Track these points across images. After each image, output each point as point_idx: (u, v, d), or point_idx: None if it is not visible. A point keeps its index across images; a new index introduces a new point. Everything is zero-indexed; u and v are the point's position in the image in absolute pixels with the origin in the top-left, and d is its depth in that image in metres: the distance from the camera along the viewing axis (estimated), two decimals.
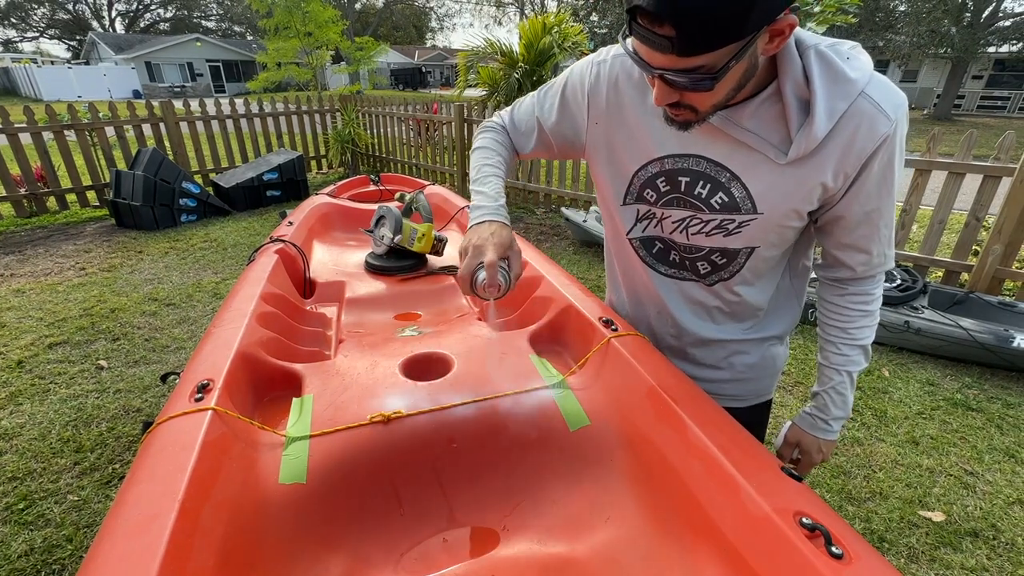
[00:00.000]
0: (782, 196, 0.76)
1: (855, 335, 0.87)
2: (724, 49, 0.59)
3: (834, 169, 0.72)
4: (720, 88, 0.65)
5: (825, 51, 0.67)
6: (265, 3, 7.59)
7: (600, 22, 23.32)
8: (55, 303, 3.35)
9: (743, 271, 0.88)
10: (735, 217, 0.80)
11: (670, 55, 0.60)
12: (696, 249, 0.89)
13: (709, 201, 0.81)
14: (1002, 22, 17.56)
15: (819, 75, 0.67)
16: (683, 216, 0.86)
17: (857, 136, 0.69)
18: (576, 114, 0.92)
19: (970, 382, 2.62)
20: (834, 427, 0.93)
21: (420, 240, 1.62)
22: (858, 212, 0.76)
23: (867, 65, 0.69)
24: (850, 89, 0.67)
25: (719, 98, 0.68)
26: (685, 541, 0.73)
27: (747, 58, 0.62)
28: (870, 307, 0.86)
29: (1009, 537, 1.75)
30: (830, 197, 0.76)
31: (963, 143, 3.16)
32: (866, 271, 0.84)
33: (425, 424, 0.89)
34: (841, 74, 0.67)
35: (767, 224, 0.80)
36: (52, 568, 1.62)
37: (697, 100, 0.68)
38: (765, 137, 0.73)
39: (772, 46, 0.63)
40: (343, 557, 0.76)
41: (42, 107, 5.18)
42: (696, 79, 0.62)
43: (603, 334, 1.03)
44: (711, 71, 0.61)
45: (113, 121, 5.34)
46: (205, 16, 46.06)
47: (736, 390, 1.03)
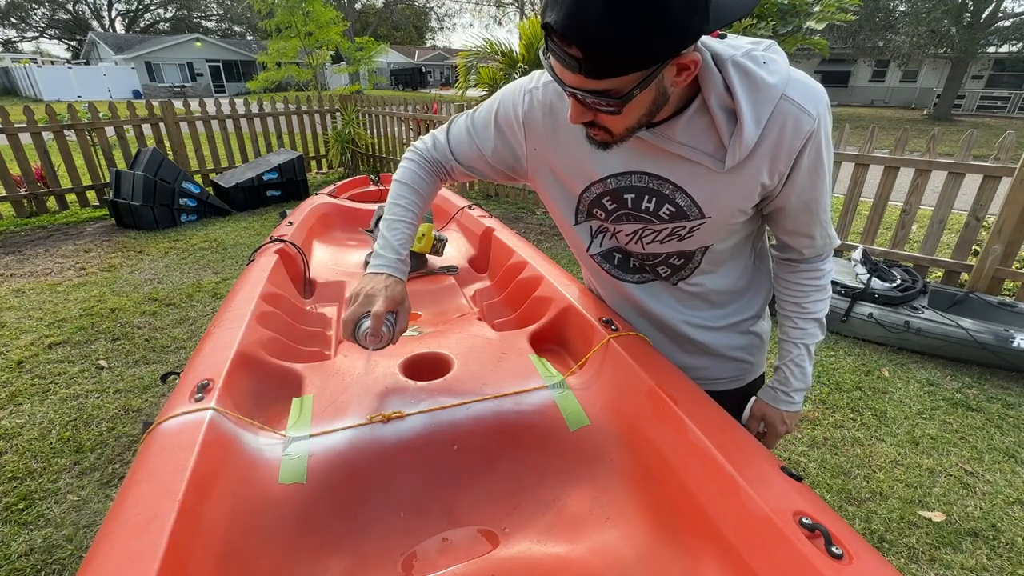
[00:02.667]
0: (726, 199, 0.80)
1: (809, 309, 0.93)
2: (628, 76, 0.61)
3: (769, 169, 0.76)
4: (629, 113, 0.68)
5: (742, 61, 0.70)
6: (266, 3, 7.59)
7: None
8: (55, 303, 3.35)
9: (703, 265, 0.93)
10: (685, 224, 0.84)
11: (579, 75, 0.62)
12: (653, 256, 0.94)
13: (658, 213, 0.85)
14: (1002, 22, 17.55)
15: (740, 86, 0.70)
16: (635, 229, 0.89)
17: (784, 136, 0.73)
18: (513, 142, 0.93)
19: (970, 382, 2.62)
20: (796, 399, 0.97)
21: (420, 240, 1.63)
22: (796, 203, 0.82)
23: (783, 67, 0.72)
24: (771, 94, 0.71)
25: (631, 123, 0.70)
26: (685, 541, 0.73)
27: (653, 87, 0.65)
28: (821, 282, 0.92)
29: (1009, 537, 1.75)
30: (769, 192, 0.81)
31: (963, 143, 3.16)
32: (812, 252, 0.91)
33: (425, 424, 0.89)
34: (760, 81, 0.70)
35: (716, 225, 0.84)
36: (52, 568, 1.62)
37: (609, 122, 0.70)
38: (700, 148, 0.76)
39: (680, 79, 0.65)
40: (343, 557, 0.76)
41: (42, 107, 5.18)
42: (603, 102, 0.64)
43: (603, 334, 1.03)
44: (617, 95, 0.63)
45: (113, 121, 5.34)
46: (205, 16, 46.06)
47: (728, 372, 1.06)
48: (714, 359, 1.04)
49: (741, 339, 1.03)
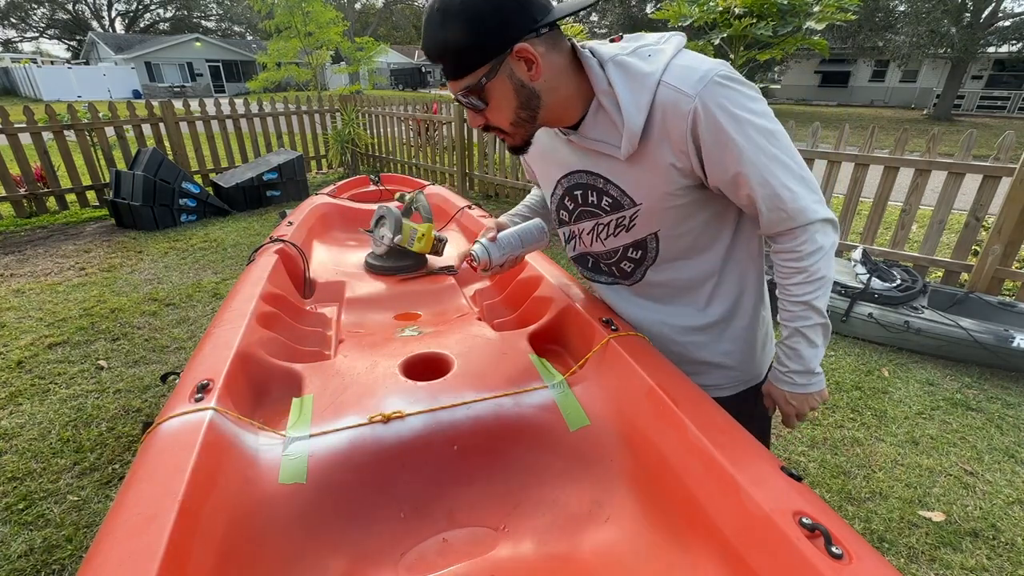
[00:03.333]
0: (647, 185, 0.87)
1: (793, 292, 0.89)
2: (476, 72, 0.77)
3: (671, 150, 0.81)
4: (500, 106, 0.81)
5: (622, 58, 0.80)
6: (266, 4, 7.59)
7: (600, 22, 23.32)
8: (55, 303, 3.35)
9: (661, 254, 0.95)
10: (624, 213, 0.92)
11: (451, 81, 0.80)
12: (613, 252, 1.00)
13: (601, 205, 0.94)
14: (1002, 22, 17.55)
15: (617, 80, 0.80)
16: (592, 225, 0.98)
17: (667, 120, 0.79)
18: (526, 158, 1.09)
19: (970, 382, 2.62)
20: (796, 380, 0.93)
21: (420, 240, 1.62)
22: (725, 179, 0.82)
23: (667, 56, 0.79)
24: (648, 82, 0.78)
25: (510, 116, 0.82)
26: (685, 541, 0.73)
27: (507, 80, 0.78)
28: (801, 263, 0.86)
29: (1009, 537, 1.75)
30: (692, 173, 0.83)
31: (963, 143, 3.16)
32: (775, 228, 0.86)
33: (425, 424, 0.89)
34: (637, 72, 0.79)
35: (652, 210, 0.89)
36: (52, 568, 1.62)
37: (493, 119, 0.83)
38: (608, 141, 0.85)
39: (533, 73, 0.78)
40: (343, 557, 0.76)
41: (42, 107, 5.18)
42: (471, 100, 0.80)
43: (603, 334, 1.03)
44: (474, 90, 0.78)
45: (113, 121, 5.34)
46: (205, 16, 46.06)
47: (714, 380, 1.04)
48: (696, 365, 1.02)
49: (724, 343, 1.01)
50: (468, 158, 6.14)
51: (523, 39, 0.75)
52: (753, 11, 3.98)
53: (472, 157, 6.15)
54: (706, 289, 0.98)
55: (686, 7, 4.24)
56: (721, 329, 1.00)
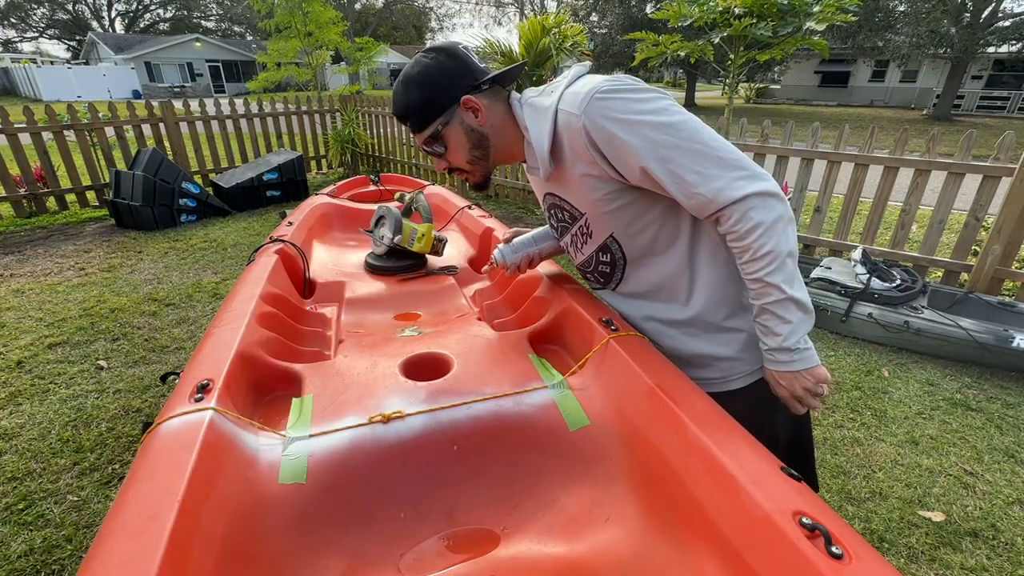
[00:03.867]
0: (579, 196, 0.99)
1: (746, 270, 0.90)
2: (433, 123, 0.98)
3: (582, 162, 0.93)
4: (456, 147, 1.00)
5: (532, 100, 0.99)
6: (266, 3, 7.58)
7: (600, 22, 23.32)
8: (55, 303, 3.35)
9: (627, 254, 1.04)
10: (579, 222, 1.05)
11: (417, 135, 1.01)
12: (589, 260, 1.11)
13: (564, 219, 1.09)
14: (1001, 22, 17.53)
15: (526, 116, 0.99)
16: (570, 238, 1.11)
17: (568, 137, 0.92)
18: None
19: (970, 382, 2.62)
20: (777, 357, 0.93)
21: (420, 240, 1.63)
22: (636, 175, 0.89)
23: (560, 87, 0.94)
24: (547, 114, 0.93)
25: (467, 156, 1.01)
26: (685, 541, 0.73)
27: (455, 125, 0.98)
28: (743, 243, 0.86)
29: (1009, 537, 1.75)
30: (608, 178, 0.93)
31: (962, 143, 3.16)
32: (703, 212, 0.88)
33: (425, 424, 0.89)
34: (540, 106, 0.96)
35: (596, 216, 1.00)
36: (52, 568, 1.61)
37: (453, 160, 1.03)
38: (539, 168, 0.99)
39: (480, 119, 0.98)
40: (343, 557, 0.76)
41: (41, 107, 5.17)
42: (433, 147, 1.01)
43: (603, 334, 1.03)
44: (436, 137, 0.99)
45: (113, 121, 5.34)
46: (205, 16, 46.04)
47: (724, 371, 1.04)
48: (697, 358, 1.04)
49: (718, 334, 1.02)
50: None
51: (467, 92, 0.96)
52: (753, 11, 3.98)
53: None
54: (683, 283, 1.01)
55: (686, 7, 4.24)
56: (710, 320, 1.01)
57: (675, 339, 1.06)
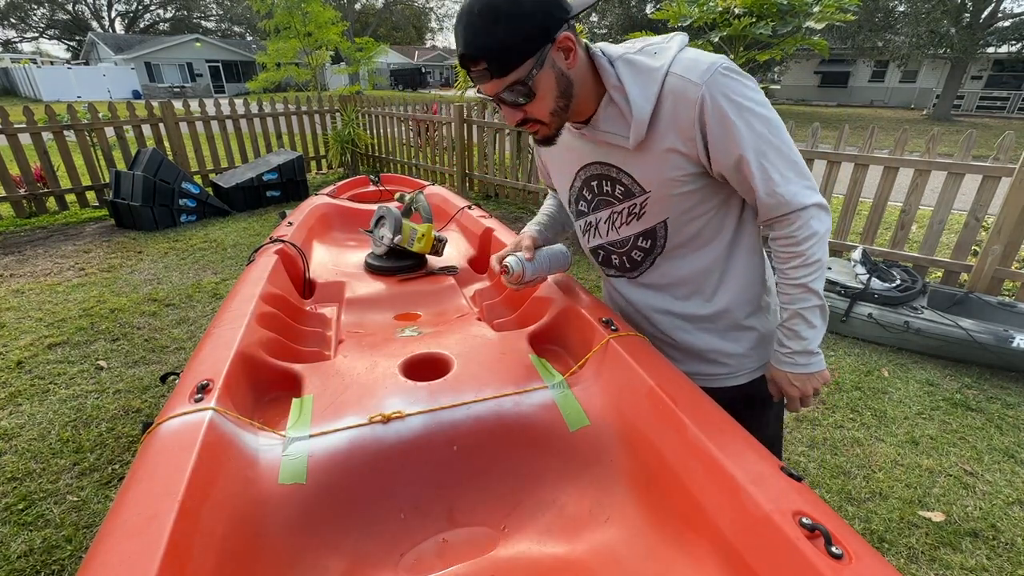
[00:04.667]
0: (653, 171, 0.92)
1: (791, 275, 0.93)
2: (524, 64, 0.80)
3: (677, 137, 0.86)
4: (544, 96, 0.84)
5: (630, 56, 0.87)
6: (266, 4, 7.58)
7: (600, 22, 23.32)
8: (54, 303, 3.35)
9: (669, 243, 0.99)
10: (635, 200, 0.96)
11: (492, 81, 0.82)
12: (625, 242, 1.03)
13: (615, 194, 0.99)
14: (1001, 22, 17.54)
15: (626, 74, 0.86)
16: (607, 214, 1.03)
17: (677, 107, 0.84)
18: (538, 154, 1.17)
19: (970, 382, 2.62)
20: (798, 360, 0.96)
21: (420, 240, 1.62)
22: (728, 163, 0.86)
23: (671, 51, 0.86)
24: (656, 75, 0.85)
25: (550, 105, 0.86)
26: (685, 541, 0.73)
27: (550, 69, 0.82)
28: (797, 248, 0.90)
29: (1009, 537, 1.75)
30: (697, 160, 0.88)
31: (962, 143, 3.16)
32: (773, 212, 0.90)
33: (425, 424, 0.89)
34: (644, 66, 0.86)
35: (659, 197, 0.94)
36: (51, 569, 1.61)
37: (534, 111, 0.87)
38: (618, 132, 0.90)
39: (571, 61, 0.84)
40: (343, 557, 0.76)
41: (41, 107, 5.17)
42: (517, 93, 0.83)
43: (603, 334, 1.03)
44: (523, 83, 0.81)
45: (113, 121, 5.33)
46: (205, 16, 46.04)
47: (733, 367, 1.06)
48: (708, 354, 1.05)
49: (734, 332, 1.04)
50: (468, 158, 6.14)
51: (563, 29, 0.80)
52: (753, 11, 3.99)
53: (472, 157, 6.15)
54: (712, 280, 1.01)
55: (686, 7, 4.24)
56: (729, 318, 1.03)
57: (690, 333, 1.06)
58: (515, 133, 5.49)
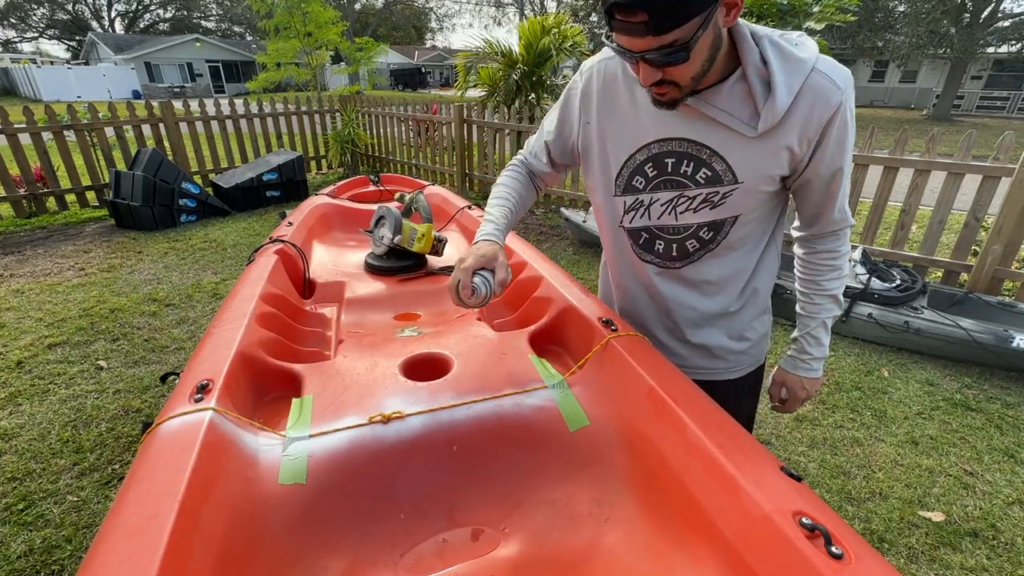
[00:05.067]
0: (757, 164, 0.87)
1: (826, 286, 0.99)
2: (691, 23, 0.70)
3: (798, 136, 0.83)
4: (695, 59, 0.75)
5: (777, 39, 0.80)
6: (266, 4, 7.59)
7: (600, 23, 23.31)
8: (54, 303, 3.35)
9: (727, 239, 0.96)
10: (719, 189, 0.90)
11: (647, 37, 0.71)
12: (685, 228, 0.97)
13: (695, 177, 0.91)
14: (1001, 22, 17.55)
15: (775, 57, 0.79)
16: (671, 197, 0.95)
17: (816, 106, 0.81)
18: (572, 120, 1.04)
19: (970, 382, 2.62)
20: (814, 366, 1.04)
21: (420, 240, 1.62)
22: (825, 173, 0.88)
23: (813, 48, 0.82)
24: (802, 67, 0.79)
25: (695, 69, 0.77)
26: (685, 541, 0.73)
27: (711, 28, 0.72)
28: (837, 262, 0.98)
29: (1009, 537, 1.75)
30: (798, 162, 0.87)
31: (962, 143, 3.16)
32: (832, 226, 0.96)
33: (425, 424, 0.89)
34: (792, 56, 0.80)
35: (747, 191, 0.89)
36: (51, 569, 1.61)
37: (677, 74, 0.77)
38: (736, 115, 0.84)
39: (730, 18, 0.75)
40: (343, 557, 0.76)
41: (41, 107, 5.17)
42: (671, 53, 0.72)
43: (603, 334, 1.03)
44: (683, 43, 0.71)
45: (112, 121, 5.33)
46: (205, 16, 46.04)
47: (735, 362, 1.10)
48: (716, 350, 1.08)
49: (746, 330, 1.07)
50: (468, 158, 6.14)
51: None
52: (753, 11, 3.99)
53: (471, 157, 6.15)
54: (740, 283, 1.03)
55: None
56: (742, 319, 1.06)
57: (703, 330, 1.07)
58: (515, 133, 5.49)
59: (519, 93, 6.29)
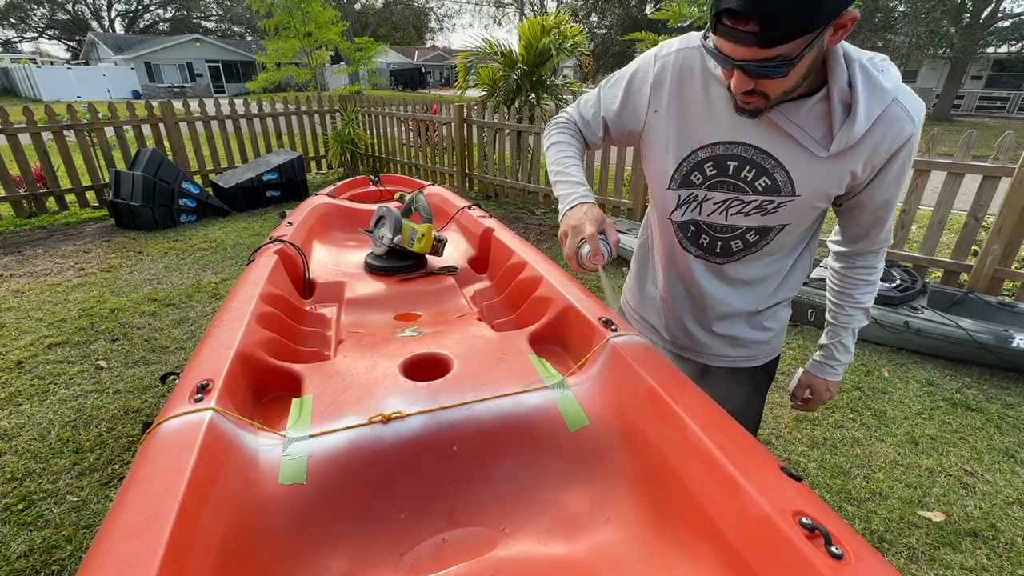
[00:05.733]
0: (818, 182, 0.88)
1: (859, 300, 1.05)
2: (799, 40, 0.69)
3: (864, 161, 0.85)
4: (793, 75, 0.75)
5: (867, 64, 0.81)
6: (265, 3, 7.58)
7: (600, 22, 23.34)
8: (54, 303, 3.35)
9: (771, 245, 0.99)
10: (775, 199, 0.92)
11: (752, 48, 0.70)
12: (733, 228, 0.99)
13: (754, 184, 0.92)
14: (1001, 22, 17.55)
15: (862, 84, 0.79)
16: (725, 198, 0.96)
17: (888, 135, 0.82)
18: (638, 104, 1.01)
19: (970, 382, 2.62)
20: (839, 371, 1.13)
21: (420, 240, 1.63)
22: (879, 199, 0.91)
23: (897, 77, 0.83)
24: (884, 97, 0.80)
25: (790, 84, 0.77)
26: (685, 541, 0.73)
27: (816, 47, 0.72)
28: (873, 277, 1.03)
29: (1009, 537, 1.75)
30: (856, 185, 0.89)
31: (962, 143, 3.16)
32: (874, 246, 1.01)
33: (425, 425, 0.89)
34: (878, 84, 0.80)
35: (802, 205, 0.91)
36: (51, 569, 1.61)
37: (770, 87, 0.78)
38: (810, 133, 0.85)
39: (836, 38, 0.73)
40: (343, 557, 0.76)
41: (41, 107, 5.17)
42: (773, 67, 0.72)
43: (603, 334, 1.03)
44: (787, 59, 0.71)
45: (112, 121, 5.33)
46: (205, 16, 46.03)
47: (755, 351, 1.15)
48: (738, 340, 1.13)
49: (770, 324, 1.12)
50: (468, 158, 6.14)
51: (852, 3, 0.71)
52: None
53: (472, 157, 6.15)
54: (774, 283, 1.07)
55: (686, 7, 4.24)
56: (769, 314, 1.11)
57: (732, 323, 1.11)
58: (515, 133, 5.49)
59: (519, 93, 6.29)
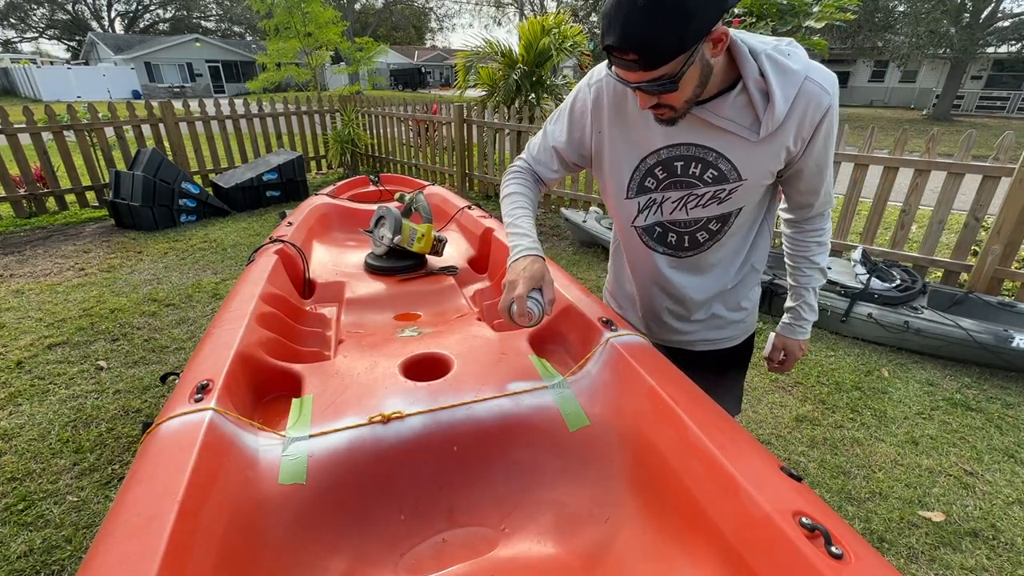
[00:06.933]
0: (759, 163, 0.97)
1: (815, 260, 1.15)
2: (676, 59, 0.78)
3: (794, 136, 0.94)
4: (685, 87, 0.84)
5: (772, 53, 0.89)
6: (265, 4, 7.58)
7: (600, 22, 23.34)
8: (54, 303, 3.35)
9: (732, 228, 1.07)
10: (725, 186, 1.00)
11: (639, 72, 0.81)
12: (695, 221, 1.07)
13: (703, 177, 1.01)
14: (1001, 22, 17.55)
15: (772, 71, 0.88)
16: (681, 195, 1.04)
17: (809, 109, 0.91)
18: (584, 128, 1.10)
19: (970, 382, 2.62)
20: (807, 329, 1.22)
21: (420, 240, 1.63)
22: (812, 166, 0.99)
23: (803, 56, 0.91)
24: (796, 78, 0.89)
25: (688, 94, 0.87)
26: (685, 541, 0.73)
27: (698, 62, 0.81)
28: (823, 238, 1.13)
29: (1009, 537, 1.75)
30: (792, 157, 0.98)
31: (962, 143, 3.16)
32: (818, 210, 1.10)
33: (425, 424, 0.89)
34: (787, 68, 0.89)
35: (751, 187, 1.00)
36: (51, 569, 1.61)
37: (671, 100, 0.87)
38: (739, 122, 0.93)
39: (717, 51, 0.82)
40: (343, 557, 0.76)
41: (41, 107, 5.17)
42: (661, 84, 0.82)
43: (603, 334, 1.03)
44: (672, 76, 0.81)
45: (112, 121, 5.33)
46: (204, 16, 46.01)
47: (734, 331, 1.23)
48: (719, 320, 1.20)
49: (743, 302, 1.19)
50: (467, 158, 6.14)
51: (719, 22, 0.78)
52: (752, 11, 3.99)
53: (471, 157, 6.15)
54: (739, 259, 1.14)
55: None
56: (740, 291, 1.18)
57: (703, 305, 1.18)
58: (515, 133, 5.49)
59: (519, 93, 6.29)
